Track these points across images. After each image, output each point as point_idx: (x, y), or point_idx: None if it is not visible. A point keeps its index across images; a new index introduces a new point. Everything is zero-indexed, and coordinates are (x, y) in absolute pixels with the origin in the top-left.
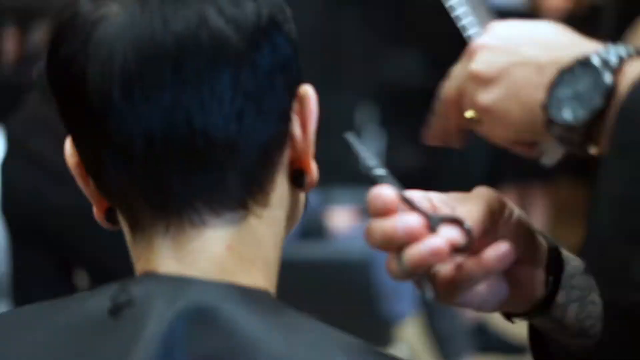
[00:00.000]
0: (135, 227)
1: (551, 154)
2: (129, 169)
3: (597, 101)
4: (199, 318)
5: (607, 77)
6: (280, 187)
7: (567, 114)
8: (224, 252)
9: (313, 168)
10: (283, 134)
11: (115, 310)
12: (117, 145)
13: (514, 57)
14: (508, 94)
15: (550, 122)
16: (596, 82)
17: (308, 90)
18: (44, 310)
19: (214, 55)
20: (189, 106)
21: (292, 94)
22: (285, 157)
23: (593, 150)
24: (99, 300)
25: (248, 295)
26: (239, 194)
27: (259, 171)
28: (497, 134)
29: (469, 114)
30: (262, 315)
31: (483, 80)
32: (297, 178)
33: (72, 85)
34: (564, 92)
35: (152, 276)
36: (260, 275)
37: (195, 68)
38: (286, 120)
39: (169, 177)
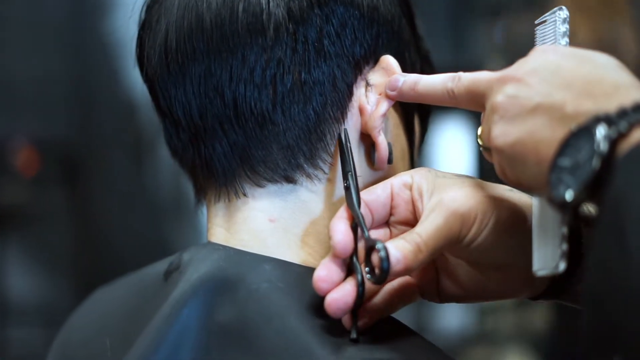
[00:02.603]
0: (198, 195)
1: None
2: (179, 137)
3: (586, 174)
4: (220, 286)
5: (603, 145)
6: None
7: (562, 189)
8: (266, 225)
9: (381, 144)
10: (337, 105)
11: (167, 274)
12: (165, 113)
13: (543, 100)
14: (526, 141)
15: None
16: (590, 151)
17: (385, 61)
18: (139, 271)
19: (248, 26)
20: (220, 76)
21: (352, 63)
22: (352, 129)
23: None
24: (165, 263)
25: (282, 269)
26: (283, 167)
27: (305, 144)
28: (506, 174)
29: (480, 141)
30: (289, 291)
31: (503, 117)
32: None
33: (139, 52)
34: (565, 161)
35: (203, 244)
36: (309, 252)
37: (227, 39)
38: (342, 90)
39: (212, 146)
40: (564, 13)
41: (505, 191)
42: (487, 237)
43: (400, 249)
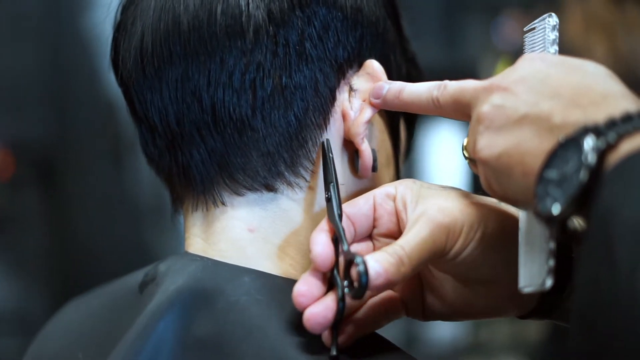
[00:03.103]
0: (175, 203)
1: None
2: (155, 143)
3: (573, 187)
4: (197, 298)
5: (591, 157)
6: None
7: (548, 203)
8: (245, 234)
9: (365, 151)
10: (320, 111)
11: (142, 286)
12: (141, 119)
13: (530, 109)
14: (512, 153)
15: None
16: (578, 163)
17: (371, 66)
18: (114, 282)
19: (226, 29)
20: (197, 81)
21: (335, 66)
22: (335, 136)
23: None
24: (141, 274)
25: (262, 281)
26: (263, 175)
27: (286, 151)
28: (492, 187)
29: (465, 152)
30: (269, 304)
31: (489, 127)
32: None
33: (114, 55)
34: (552, 173)
35: (180, 254)
36: (290, 263)
37: (205, 42)
38: (324, 95)
39: (189, 153)
40: (553, 20)
41: (494, 204)
42: (473, 250)
43: (380, 262)
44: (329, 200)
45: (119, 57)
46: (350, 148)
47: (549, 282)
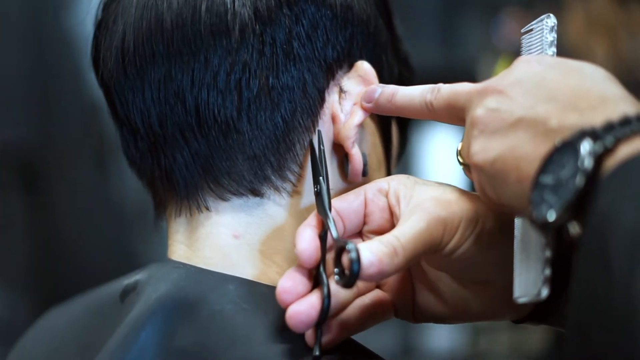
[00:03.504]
0: (157, 209)
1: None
2: (137, 146)
3: (569, 193)
4: (180, 307)
5: (587, 161)
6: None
7: (544, 209)
8: (230, 241)
9: (355, 155)
10: (308, 113)
11: (123, 294)
12: (122, 120)
13: (526, 113)
14: (507, 157)
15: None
16: (574, 168)
17: (362, 68)
18: (96, 290)
19: (211, 27)
20: (181, 81)
21: (324, 67)
22: (324, 138)
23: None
24: (121, 283)
25: (247, 289)
26: (248, 179)
27: (273, 154)
28: (486, 193)
29: (460, 157)
30: (254, 313)
31: (483, 131)
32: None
33: (95, 54)
34: (547, 179)
35: (162, 261)
36: (277, 271)
37: (189, 41)
38: (312, 96)
39: (172, 157)
40: (551, 21)
41: None
42: (470, 247)
43: (374, 251)
44: (318, 194)
45: (99, 57)
46: (340, 152)
47: (544, 292)
